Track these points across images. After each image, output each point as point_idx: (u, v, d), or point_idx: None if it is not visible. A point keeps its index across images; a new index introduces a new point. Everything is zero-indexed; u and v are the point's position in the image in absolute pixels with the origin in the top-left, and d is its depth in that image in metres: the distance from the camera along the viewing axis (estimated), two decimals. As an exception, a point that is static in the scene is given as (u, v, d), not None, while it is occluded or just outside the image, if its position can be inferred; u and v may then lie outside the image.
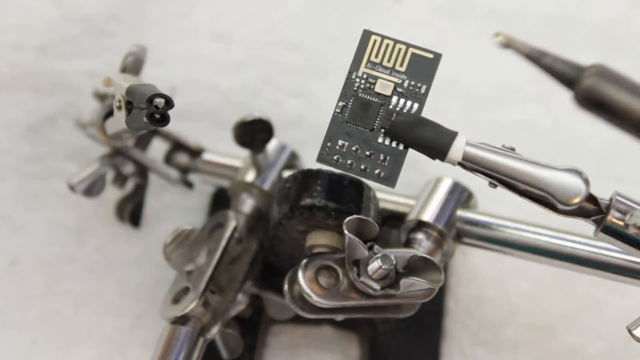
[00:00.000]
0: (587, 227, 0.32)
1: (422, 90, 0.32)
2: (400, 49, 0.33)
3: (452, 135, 0.31)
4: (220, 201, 0.47)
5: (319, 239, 0.36)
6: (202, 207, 0.47)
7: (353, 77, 0.32)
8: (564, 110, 0.49)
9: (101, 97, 0.44)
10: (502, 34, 0.28)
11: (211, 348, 0.40)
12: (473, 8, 0.53)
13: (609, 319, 0.45)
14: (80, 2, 0.51)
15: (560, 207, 0.31)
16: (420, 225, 0.39)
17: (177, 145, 0.46)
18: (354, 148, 0.32)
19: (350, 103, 0.32)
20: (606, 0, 0.53)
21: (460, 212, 0.39)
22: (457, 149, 0.31)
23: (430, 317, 0.45)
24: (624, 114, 0.26)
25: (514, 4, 0.53)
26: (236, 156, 0.44)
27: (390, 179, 0.32)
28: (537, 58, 0.28)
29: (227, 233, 0.39)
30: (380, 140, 0.32)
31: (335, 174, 0.36)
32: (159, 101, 0.32)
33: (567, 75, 0.28)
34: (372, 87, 0.32)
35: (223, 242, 0.39)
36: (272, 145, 0.42)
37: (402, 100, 0.32)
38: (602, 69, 0.27)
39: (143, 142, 0.45)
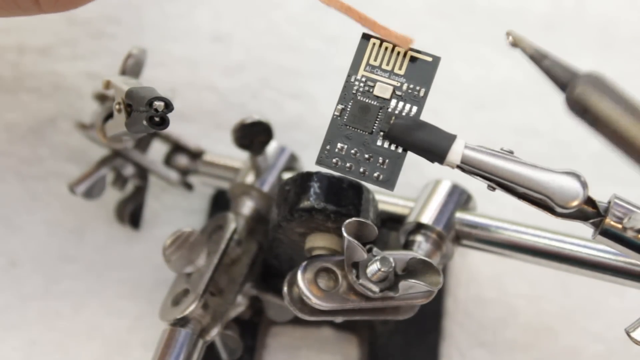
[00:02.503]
0: (585, 229, 0.33)
1: (421, 94, 0.32)
2: (399, 52, 0.33)
3: (451, 138, 0.31)
4: (220, 203, 0.47)
5: (318, 242, 0.36)
6: (202, 209, 0.48)
7: (352, 80, 0.33)
8: (564, 112, 0.49)
9: (101, 98, 0.44)
10: (512, 33, 0.29)
11: (211, 350, 0.40)
12: (472, 9, 0.53)
13: (608, 321, 0.45)
14: (80, 4, 0.51)
15: (559, 210, 0.31)
16: (419, 227, 0.39)
17: (177, 147, 0.46)
18: (353, 151, 0.32)
19: (349, 106, 0.32)
20: (605, 1, 0.53)
21: (459, 214, 0.39)
22: (455, 152, 0.31)
23: (429, 318, 0.45)
24: (608, 125, 0.27)
25: (514, 4, 0.53)
26: (236, 158, 0.44)
27: (389, 182, 0.32)
28: (538, 59, 0.29)
29: (227, 235, 0.39)
30: (379, 143, 0.32)
31: (334, 176, 0.36)
32: (159, 104, 0.32)
33: (562, 80, 0.28)
34: (371, 90, 0.32)
35: (222, 244, 0.39)
36: (271, 148, 0.42)
37: (401, 104, 0.32)
38: (595, 78, 0.27)
39: (143, 144, 0.45)
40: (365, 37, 0.33)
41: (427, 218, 0.39)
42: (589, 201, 0.31)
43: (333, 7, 0.32)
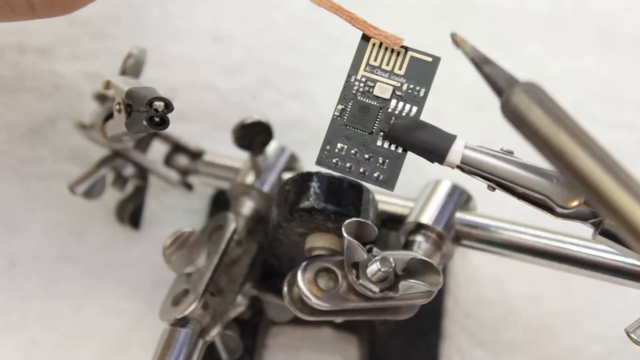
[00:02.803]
0: (585, 229, 0.33)
1: (421, 94, 0.32)
2: (399, 53, 0.33)
3: (451, 138, 0.31)
4: (220, 203, 0.47)
5: (318, 242, 0.36)
6: (202, 209, 0.48)
7: (352, 80, 0.33)
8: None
9: (101, 98, 0.44)
10: (456, 35, 0.29)
11: (211, 350, 0.40)
12: (472, 8, 0.53)
13: (608, 321, 0.45)
14: (80, 4, 0.51)
15: (559, 210, 0.31)
16: (419, 227, 0.39)
17: (177, 147, 0.46)
18: (353, 151, 0.32)
19: (349, 106, 0.32)
20: (605, 1, 0.53)
21: (459, 215, 0.39)
22: (455, 152, 0.31)
23: (429, 318, 0.45)
24: (538, 135, 0.26)
25: (513, 4, 0.53)
26: (236, 158, 0.44)
27: (389, 182, 0.32)
28: (479, 64, 0.29)
29: (227, 235, 0.39)
30: (379, 143, 0.32)
31: (334, 176, 0.36)
32: (159, 104, 0.32)
33: (499, 86, 0.28)
34: (371, 90, 0.32)
35: (222, 244, 0.39)
36: (271, 148, 0.42)
37: (400, 104, 0.32)
38: (531, 88, 0.27)
39: (143, 144, 0.45)
40: (365, 38, 0.33)
41: (427, 218, 0.39)
42: (589, 201, 0.31)
43: (323, 6, 0.32)
